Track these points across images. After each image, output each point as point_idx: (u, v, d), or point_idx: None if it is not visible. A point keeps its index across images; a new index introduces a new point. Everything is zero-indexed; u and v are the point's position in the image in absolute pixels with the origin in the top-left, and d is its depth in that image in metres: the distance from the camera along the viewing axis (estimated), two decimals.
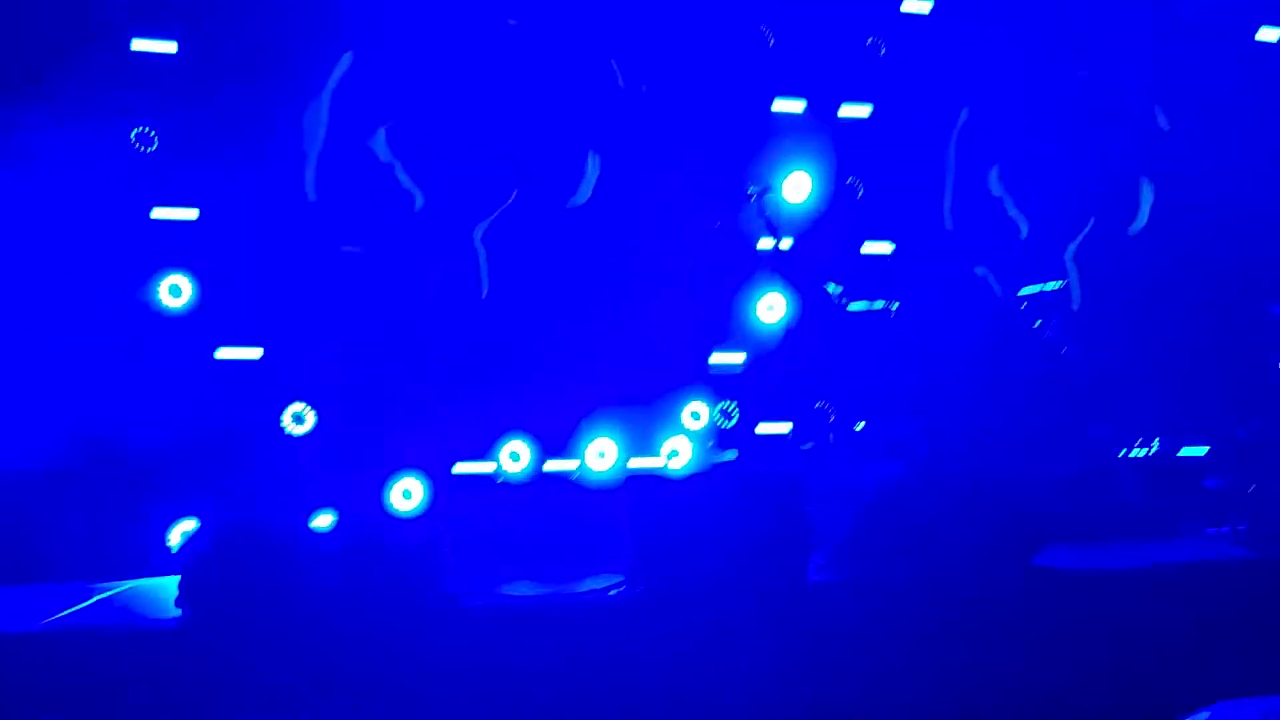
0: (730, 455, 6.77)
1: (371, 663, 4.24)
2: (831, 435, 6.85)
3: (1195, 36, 8.27)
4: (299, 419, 6.19)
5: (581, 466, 6.58)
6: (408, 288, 6.61)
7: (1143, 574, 4.81)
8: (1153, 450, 6.63)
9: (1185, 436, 6.65)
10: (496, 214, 6.87)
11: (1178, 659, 4.23)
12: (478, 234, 6.81)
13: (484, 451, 6.48)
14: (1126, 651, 4.27)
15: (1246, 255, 7.74)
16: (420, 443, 6.26)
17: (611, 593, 4.79)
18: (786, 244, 7.30)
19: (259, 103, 6.38)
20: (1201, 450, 6.58)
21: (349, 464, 6.12)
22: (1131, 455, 6.63)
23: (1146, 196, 7.76)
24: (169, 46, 6.40)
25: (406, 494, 6.15)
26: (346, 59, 6.53)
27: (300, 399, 6.21)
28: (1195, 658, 4.25)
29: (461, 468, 6.42)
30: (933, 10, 8.18)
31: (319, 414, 6.22)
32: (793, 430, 6.55)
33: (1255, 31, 8.59)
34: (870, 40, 8.08)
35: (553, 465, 6.58)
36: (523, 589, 4.94)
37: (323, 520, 4.69)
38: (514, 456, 6.47)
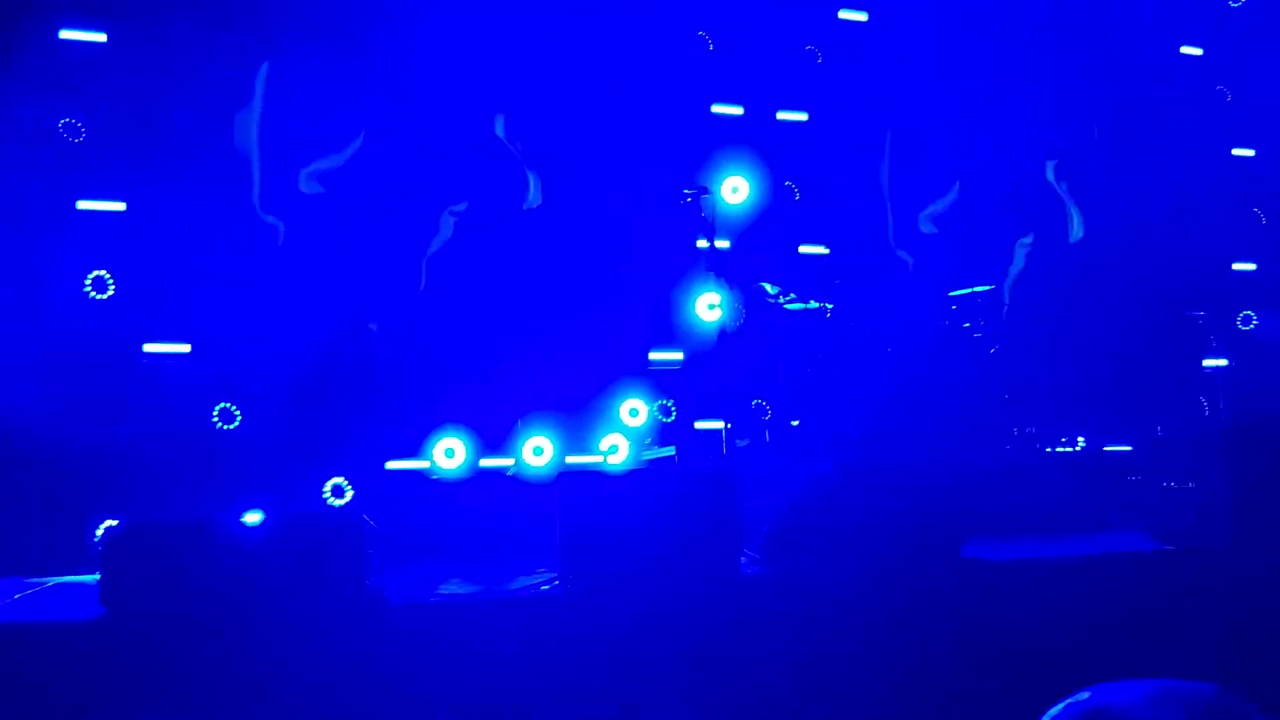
0: (668, 451, 6.80)
1: (297, 662, 4.19)
2: (767, 432, 6.91)
3: (1123, 49, 8.48)
4: (228, 415, 6.12)
5: (518, 463, 6.57)
6: (344, 284, 6.56)
7: (1066, 565, 4.90)
8: (1079, 447, 6.76)
9: (1109, 434, 6.79)
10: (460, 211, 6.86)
11: (1097, 645, 4.33)
12: (428, 253, 6.78)
13: (418, 448, 6.44)
14: (1049, 638, 4.36)
15: (1171, 263, 7.95)
16: (353, 439, 6.21)
17: (544, 588, 4.79)
18: (724, 245, 7.37)
19: (190, 96, 6.30)
20: (1125, 448, 6.72)
21: (279, 460, 6.05)
22: (1058, 451, 6.75)
23: (1074, 217, 7.93)
24: (98, 37, 6.31)
25: (338, 490, 6.09)
26: (264, 70, 6.46)
27: (230, 395, 6.13)
28: (1114, 643, 4.35)
29: (394, 464, 6.38)
30: (869, 19, 8.31)
31: (249, 410, 6.15)
32: (729, 427, 6.59)
33: (1179, 46, 8.84)
34: (808, 48, 8.19)
35: (489, 462, 6.56)
36: (454, 586, 4.91)
37: (251, 517, 4.63)
38: (449, 453, 6.44)
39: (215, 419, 6.13)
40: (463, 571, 5.35)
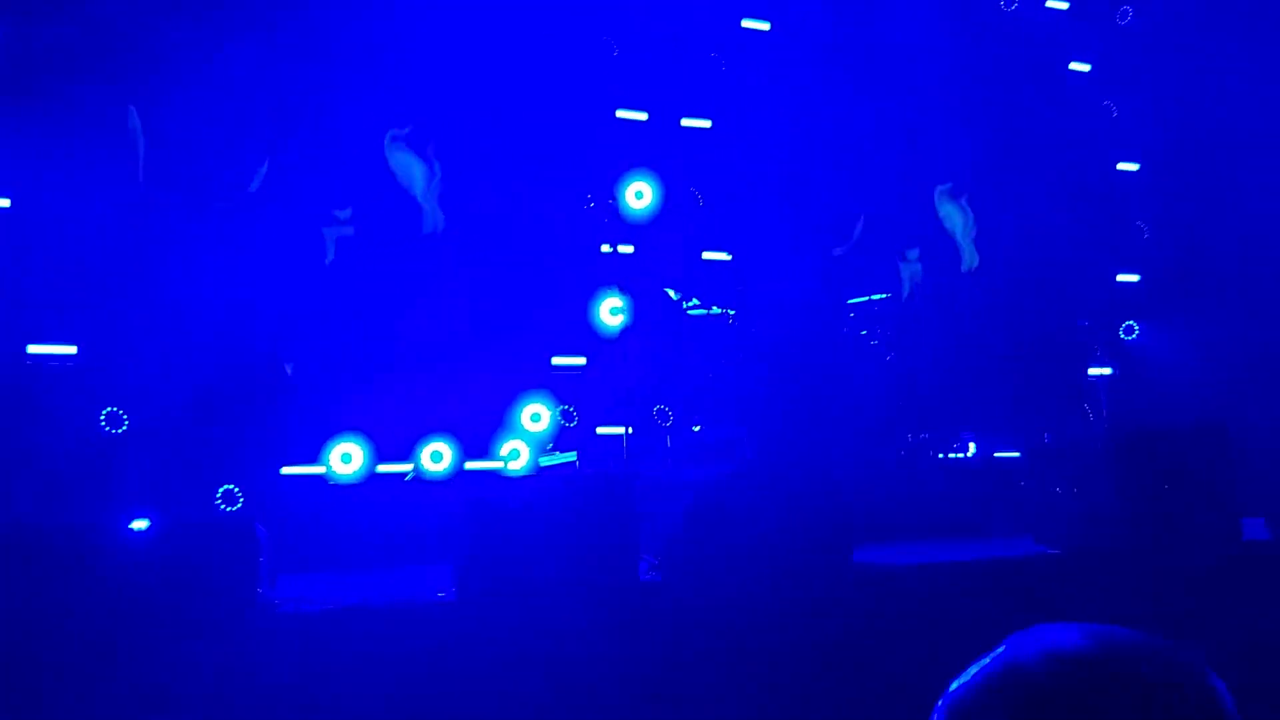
0: (570, 457, 6.79)
1: (183, 673, 4.08)
2: (669, 438, 6.94)
3: (1015, 64, 8.73)
4: (115, 419, 5.93)
5: (417, 469, 6.50)
6: (240, 287, 6.41)
7: (955, 569, 5.02)
8: (969, 453, 6.93)
9: (999, 441, 6.97)
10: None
11: (986, 647, 4.45)
12: (326, 258, 6.67)
13: (315, 454, 6.34)
14: (938, 641, 4.45)
15: (1058, 274, 8.20)
16: (247, 444, 6.07)
17: (440, 595, 4.74)
18: (628, 250, 7.40)
19: (79, 91, 6.10)
20: (1014, 454, 6.91)
21: (170, 466, 5.89)
22: (950, 457, 6.92)
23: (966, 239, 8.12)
24: None
25: (230, 496, 5.96)
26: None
27: (119, 398, 5.94)
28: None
29: (290, 470, 6.26)
30: (772, 29, 8.42)
31: (138, 414, 5.97)
32: (631, 432, 6.61)
33: (1069, 62, 9.13)
34: (712, 55, 8.26)
35: (386, 468, 6.47)
36: (347, 594, 4.83)
37: (138, 523, 4.49)
38: (345, 458, 6.34)
39: (103, 422, 5.95)
40: (358, 579, 5.28)
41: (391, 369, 6.55)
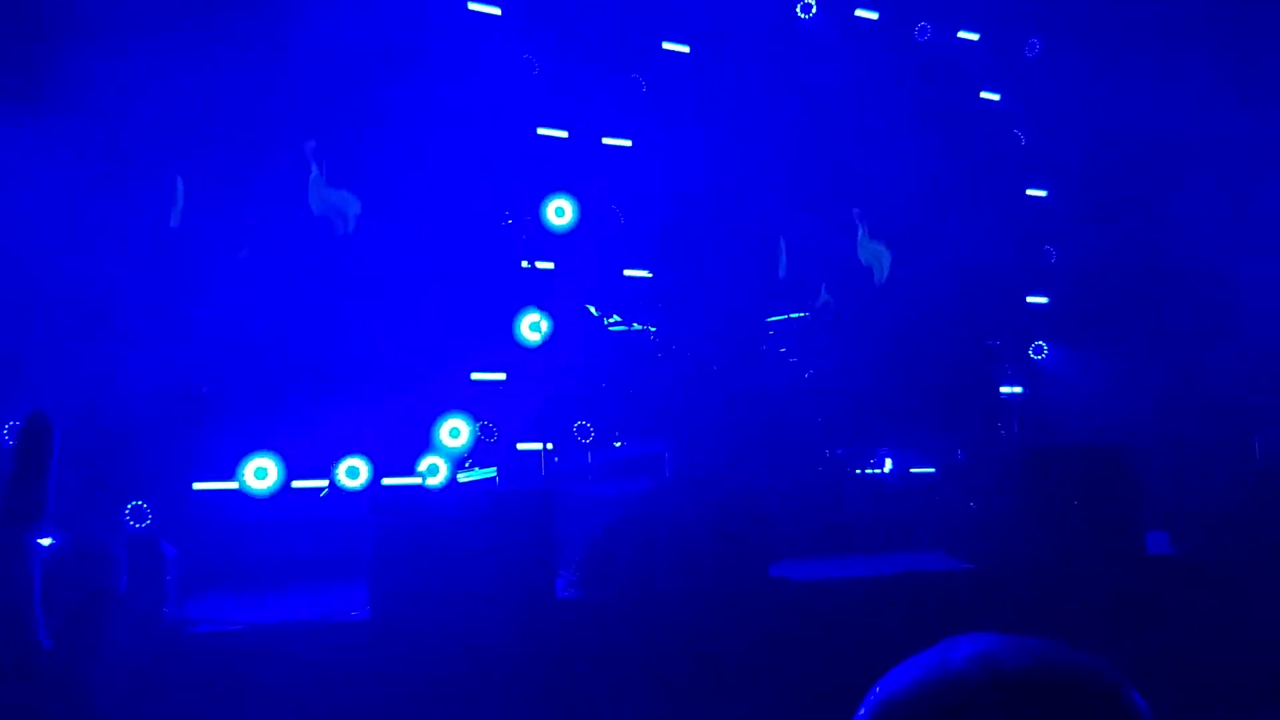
0: (489, 472, 6.74)
1: (85, 695, 3.95)
2: (589, 454, 6.93)
3: (929, 93, 8.93)
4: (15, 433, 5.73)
5: (332, 484, 6.39)
6: (152, 301, 6.26)
7: (870, 583, 5.08)
8: (886, 469, 7.03)
9: (915, 457, 7.08)
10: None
11: (899, 660, 4.50)
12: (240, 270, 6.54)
13: (228, 469, 6.20)
14: (855, 655, 4.50)
15: (971, 296, 8.38)
16: (158, 459, 5.92)
17: (354, 614, 4.66)
18: (548, 266, 7.39)
19: None
20: (928, 470, 7.03)
21: (75, 482, 5.70)
22: (866, 473, 7.01)
23: (880, 259, 8.27)
24: None
25: (138, 513, 5.80)
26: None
27: (17, 413, 5.75)
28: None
29: (202, 486, 6.11)
30: (691, 51, 8.51)
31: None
32: (551, 448, 6.58)
33: (979, 91, 9.38)
34: (633, 76, 8.32)
35: (301, 484, 6.36)
36: (259, 612, 4.73)
37: (41, 541, 4.35)
38: (259, 474, 6.21)
39: (5, 436, 5.76)
40: (273, 597, 5.17)
41: (308, 384, 6.44)
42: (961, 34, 9.40)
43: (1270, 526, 5.56)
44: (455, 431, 6.79)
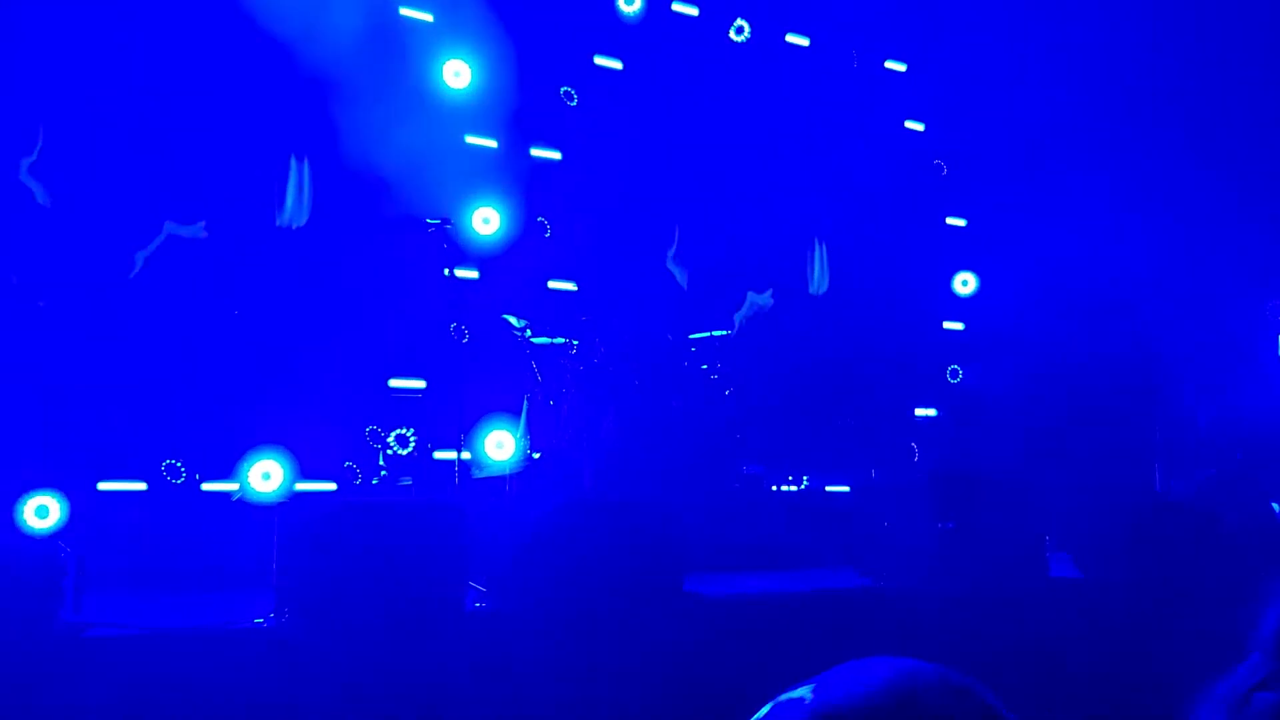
0: (404, 481, 6.67)
1: None
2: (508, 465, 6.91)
3: (852, 122, 9.08)
4: None
5: (243, 488, 6.27)
6: (63, 301, 6.10)
7: (781, 598, 5.13)
8: (802, 486, 7.10)
9: (830, 476, 7.17)
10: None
11: (809, 675, 4.54)
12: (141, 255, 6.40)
13: (137, 469, 6.05)
14: (763, 667, 4.54)
15: (889, 320, 8.53)
16: (60, 458, 5.75)
17: (258, 621, 4.58)
18: (471, 275, 7.35)
19: None
20: (843, 488, 7.12)
21: None
22: (782, 490, 7.07)
23: (820, 259, 8.38)
24: None
25: (41, 512, 5.62)
26: None
27: None
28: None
29: (107, 486, 5.96)
30: (624, 67, 8.55)
31: None
32: (468, 458, 6.54)
33: (903, 121, 9.56)
34: (564, 90, 8.33)
35: (212, 486, 6.23)
36: (163, 616, 4.63)
37: None
38: (169, 472, 6.07)
39: None
40: (178, 600, 5.05)
41: (222, 386, 6.33)
42: (889, 64, 9.57)
43: (1170, 550, 5.73)
44: (374, 437, 6.70)
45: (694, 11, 8.88)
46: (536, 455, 6.87)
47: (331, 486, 6.52)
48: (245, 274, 6.70)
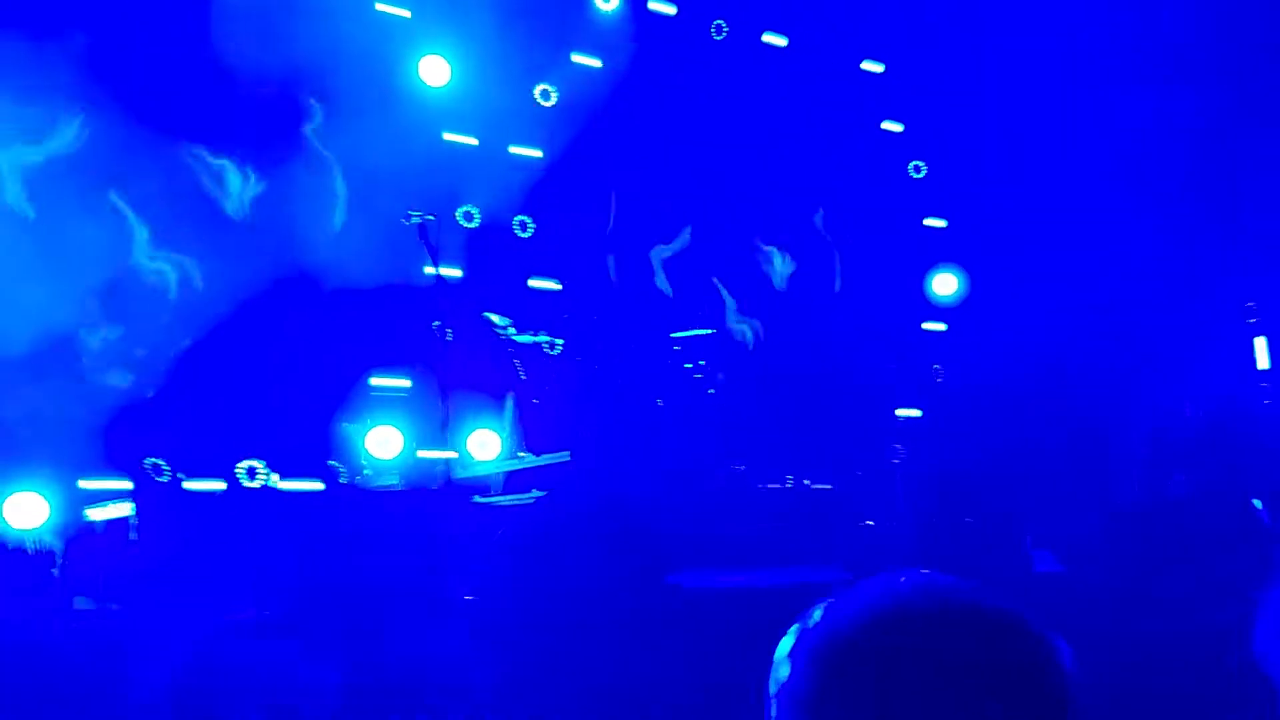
0: (392, 480, 6.63)
1: None
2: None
3: (830, 121, 9.11)
4: None
5: (232, 484, 6.20)
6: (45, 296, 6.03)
7: (763, 592, 5.15)
8: (787, 484, 7.11)
9: (815, 473, 7.18)
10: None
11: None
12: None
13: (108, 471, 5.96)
14: (749, 660, 4.55)
15: (872, 320, 8.57)
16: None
17: (241, 613, 4.56)
18: (454, 273, 7.32)
19: None
20: (826, 486, 7.13)
21: None
22: (768, 487, 7.08)
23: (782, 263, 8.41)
24: None
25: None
26: None
27: None
28: None
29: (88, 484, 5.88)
30: (604, 65, 8.54)
31: None
32: (454, 457, 6.51)
33: (881, 121, 9.58)
34: (542, 88, 8.31)
35: (194, 484, 6.16)
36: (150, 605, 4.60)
37: None
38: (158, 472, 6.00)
39: None
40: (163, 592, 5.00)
41: (203, 385, 6.26)
42: (866, 64, 9.60)
43: (1152, 547, 5.78)
44: (359, 434, 6.66)
45: (672, 10, 8.88)
46: (521, 454, 6.85)
47: (317, 485, 6.45)
48: (225, 274, 6.62)
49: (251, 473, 6.17)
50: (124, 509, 5.37)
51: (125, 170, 6.38)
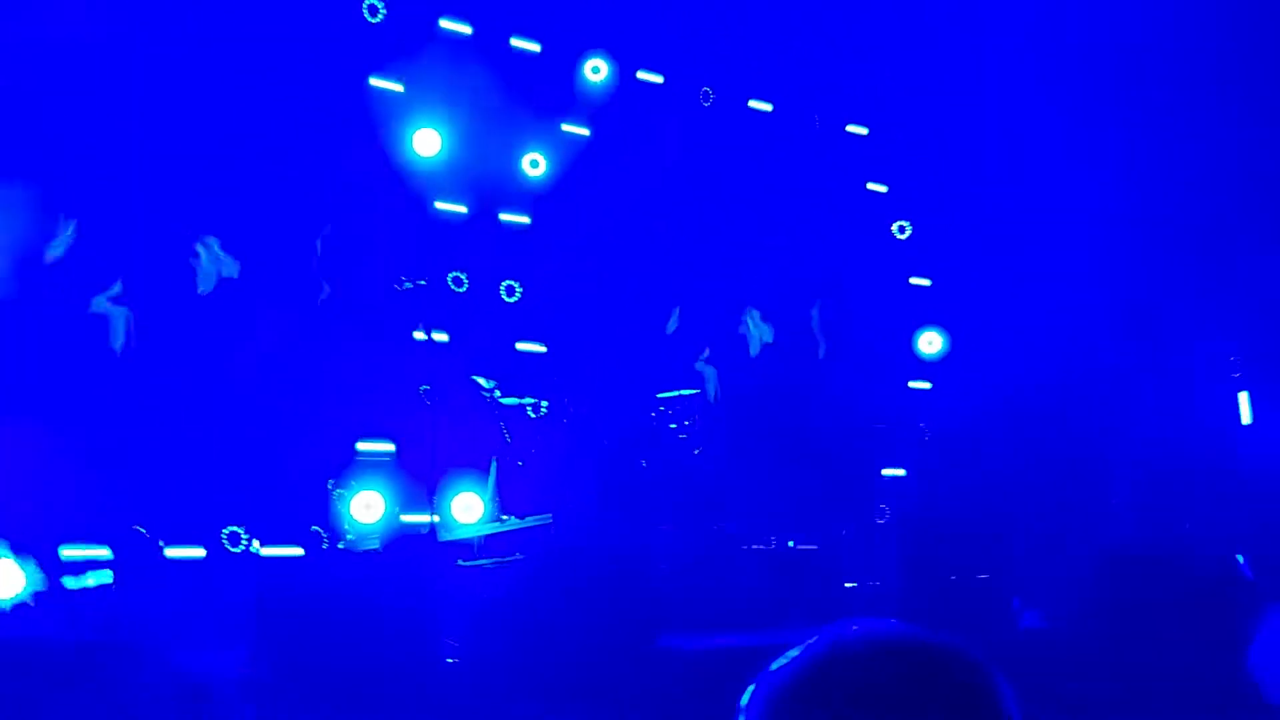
0: (373, 544, 6.62)
1: None
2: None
3: (813, 182, 9.23)
4: None
5: (215, 550, 6.20)
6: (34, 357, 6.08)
7: (748, 652, 5.13)
8: (771, 545, 7.11)
9: (800, 534, 7.18)
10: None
11: None
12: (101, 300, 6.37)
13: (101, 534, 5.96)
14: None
15: (857, 380, 8.59)
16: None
17: (233, 676, 4.54)
18: (443, 337, 7.37)
19: None
20: (811, 547, 7.13)
21: None
22: (754, 548, 7.07)
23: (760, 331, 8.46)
24: None
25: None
26: None
27: None
28: None
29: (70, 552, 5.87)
30: (592, 134, 8.68)
31: None
32: (439, 521, 6.51)
33: (865, 182, 9.71)
34: (531, 158, 8.44)
35: (176, 552, 6.16)
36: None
37: None
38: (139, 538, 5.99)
39: None
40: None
41: (189, 448, 6.27)
42: (850, 128, 9.75)
43: (1137, 602, 5.76)
44: (345, 499, 6.65)
45: (659, 79, 9.05)
46: (505, 518, 6.86)
47: (298, 550, 6.45)
48: (211, 334, 6.66)
49: (234, 538, 6.17)
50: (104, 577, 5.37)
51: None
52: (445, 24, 8.02)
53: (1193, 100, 8.43)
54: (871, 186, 9.78)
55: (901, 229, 9.78)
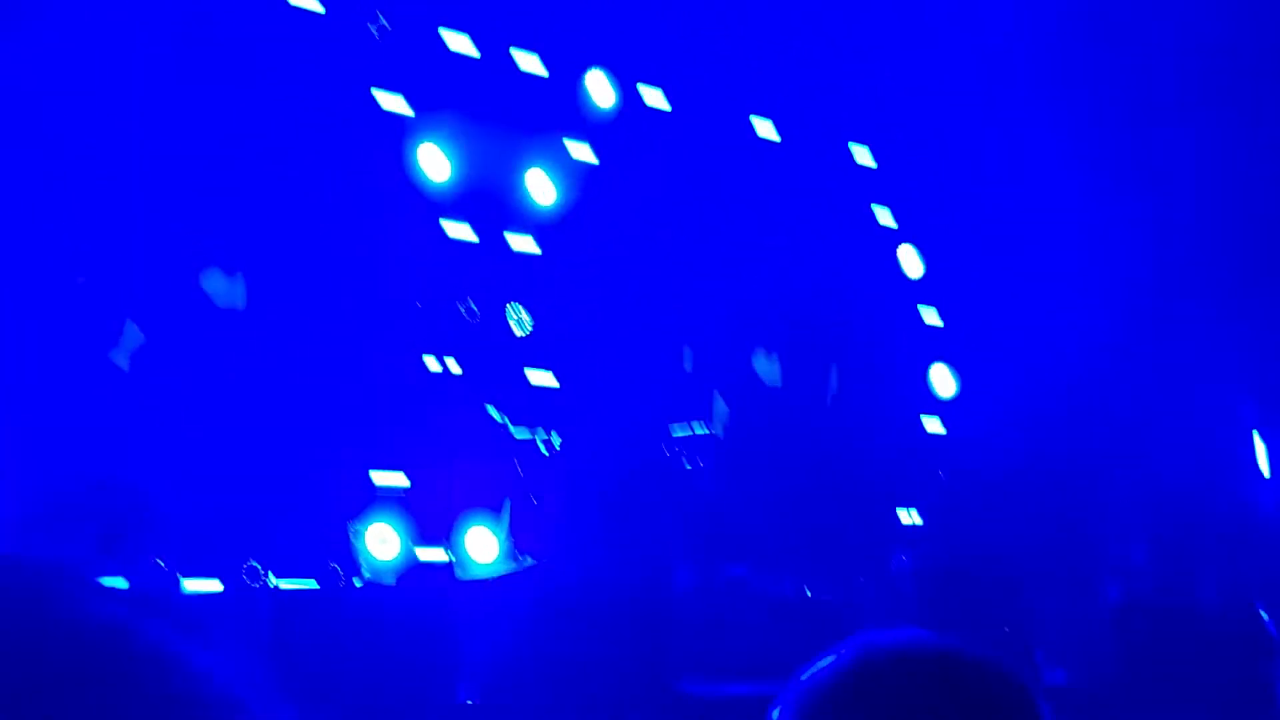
0: (389, 580, 6.52)
1: None
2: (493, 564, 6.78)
3: (822, 216, 9.19)
4: None
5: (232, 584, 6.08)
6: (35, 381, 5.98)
7: (759, 700, 5.04)
8: (784, 590, 7.02)
9: (815, 580, 7.09)
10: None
11: None
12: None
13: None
14: None
15: (874, 428, 8.51)
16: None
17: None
18: (455, 369, 7.30)
19: None
20: (827, 595, 7.04)
21: None
22: (766, 594, 6.98)
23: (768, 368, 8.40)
24: None
25: None
26: None
27: None
28: None
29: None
30: (601, 162, 8.64)
31: None
32: (453, 559, 6.42)
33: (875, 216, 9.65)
34: (540, 184, 8.38)
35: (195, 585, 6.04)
36: None
37: None
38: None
39: None
40: None
41: (199, 479, 6.17)
42: (859, 159, 9.70)
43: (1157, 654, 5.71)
44: (359, 533, 6.55)
45: (666, 106, 9.01)
46: (520, 555, 6.76)
47: (309, 583, 6.34)
48: (217, 362, 6.56)
49: (252, 573, 6.06)
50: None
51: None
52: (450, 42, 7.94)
53: (1225, 140, 8.40)
54: (883, 221, 9.71)
55: (914, 264, 9.70)
